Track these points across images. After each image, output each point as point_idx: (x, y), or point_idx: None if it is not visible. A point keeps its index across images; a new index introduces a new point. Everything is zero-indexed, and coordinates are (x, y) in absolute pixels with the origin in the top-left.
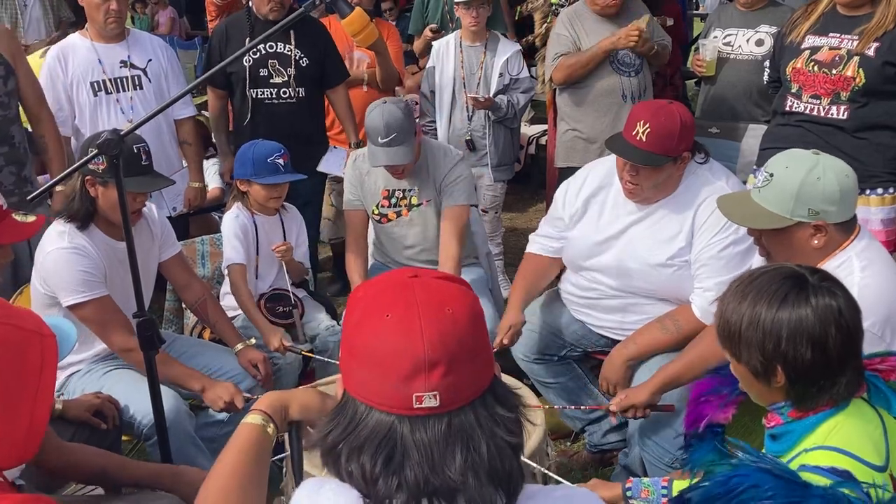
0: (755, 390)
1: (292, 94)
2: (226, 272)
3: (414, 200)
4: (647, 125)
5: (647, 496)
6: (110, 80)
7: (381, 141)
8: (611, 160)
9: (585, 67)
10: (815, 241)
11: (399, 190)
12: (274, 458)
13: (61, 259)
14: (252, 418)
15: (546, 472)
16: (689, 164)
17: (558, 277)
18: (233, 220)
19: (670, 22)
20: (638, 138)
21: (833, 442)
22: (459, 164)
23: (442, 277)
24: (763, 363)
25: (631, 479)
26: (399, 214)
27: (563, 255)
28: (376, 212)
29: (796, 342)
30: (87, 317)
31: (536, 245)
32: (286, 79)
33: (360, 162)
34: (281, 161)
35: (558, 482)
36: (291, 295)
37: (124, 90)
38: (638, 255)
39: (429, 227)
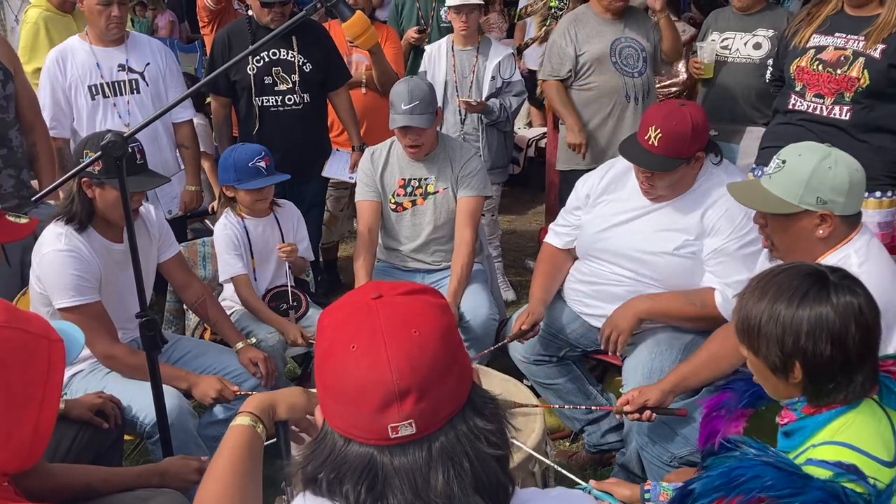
0: (771, 385)
1: (297, 101)
2: (226, 284)
3: (430, 188)
4: (659, 130)
5: (666, 499)
6: (108, 83)
7: (404, 108)
8: None
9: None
10: (820, 232)
11: (414, 179)
12: (266, 444)
13: (56, 261)
14: (241, 420)
15: (549, 462)
16: (705, 164)
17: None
18: (221, 232)
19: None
20: (650, 143)
21: (842, 437)
22: (475, 158)
23: (407, 292)
24: (781, 358)
25: (650, 481)
26: (414, 203)
27: (576, 242)
28: (393, 201)
29: (816, 338)
30: (75, 321)
31: (552, 234)
32: (291, 86)
33: (377, 156)
34: (263, 164)
35: (559, 473)
36: (294, 291)
37: (121, 94)
38: (644, 242)
39: (443, 215)
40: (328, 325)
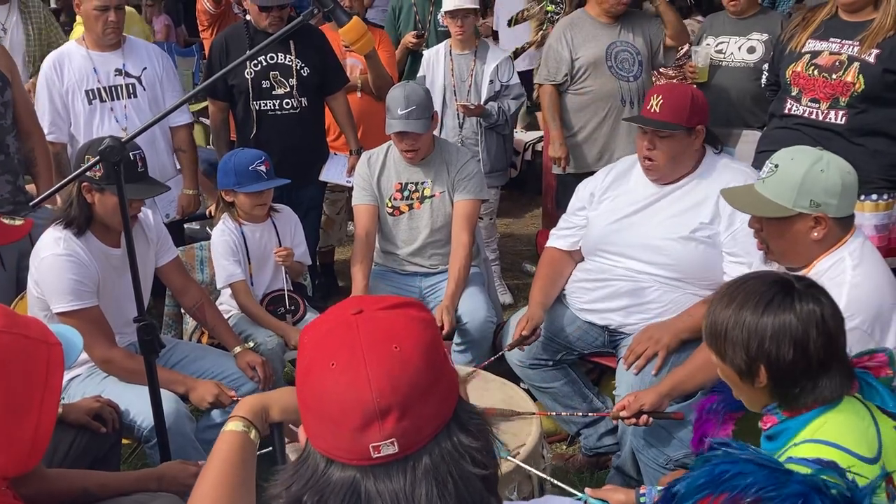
0: (743, 392)
1: (295, 105)
2: (223, 291)
3: (427, 192)
4: (661, 97)
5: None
6: (105, 88)
7: (400, 112)
8: (633, 157)
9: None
10: (815, 234)
11: (411, 183)
12: (260, 452)
13: (55, 265)
14: (233, 425)
15: (540, 474)
16: (707, 152)
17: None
18: (219, 239)
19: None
20: (652, 110)
21: (822, 435)
22: (471, 161)
23: (389, 307)
24: (747, 362)
25: (645, 485)
26: (411, 207)
27: (582, 241)
28: (389, 205)
29: (779, 342)
30: (72, 326)
31: (554, 238)
32: (288, 89)
33: (374, 160)
34: (263, 168)
35: (554, 485)
36: (292, 296)
37: (118, 98)
38: (658, 229)
39: (440, 218)
40: (308, 342)
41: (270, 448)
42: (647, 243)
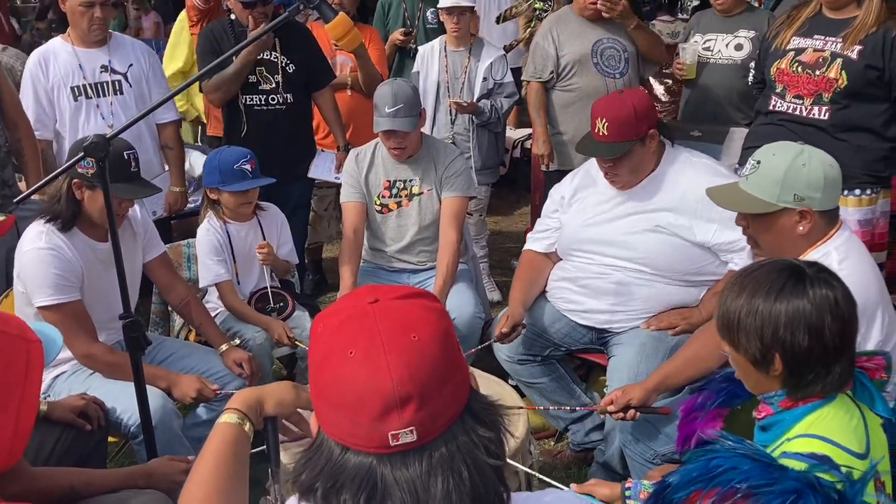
0: (752, 379)
1: (281, 101)
2: (208, 289)
3: (415, 189)
4: (605, 120)
5: (646, 497)
6: (90, 85)
7: (388, 110)
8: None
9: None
10: (801, 228)
11: (400, 181)
12: (253, 451)
13: (37, 259)
14: (227, 417)
15: (529, 471)
16: (666, 149)
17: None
18: (204, 237)
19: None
20: (601, 133)
21: (815, 430)
22: (459, 158)
23: (404, 296)
24: (762, 350)
25: (630, 479)
26: (399, 204)
27: (557, 243)
28: (378, 202)
29: (794, 329)
30: (54, 320)
31: (531, 241)
32: (274, 85)
33: (362, 158)
34: (248, 167)
35: (541, 480)
36: (279, 293)
37: (104, 95)
38: (626, 224)
39: (428, 216)
40: (323, 331)
41: (263, 442)
42: (616, 239)
